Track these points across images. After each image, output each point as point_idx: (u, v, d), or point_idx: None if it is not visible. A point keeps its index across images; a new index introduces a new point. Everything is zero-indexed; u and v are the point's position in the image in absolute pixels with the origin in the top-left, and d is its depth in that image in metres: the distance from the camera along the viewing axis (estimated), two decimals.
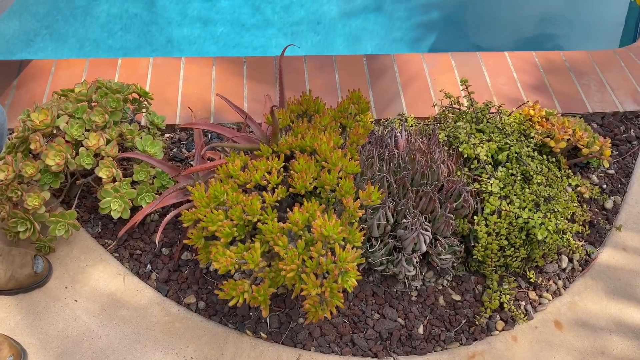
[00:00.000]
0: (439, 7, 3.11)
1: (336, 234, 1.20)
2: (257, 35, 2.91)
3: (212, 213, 1.32)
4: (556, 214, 1.51)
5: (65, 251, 1.62)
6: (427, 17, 3.05)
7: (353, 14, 3.01)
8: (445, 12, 3.10)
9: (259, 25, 2.95)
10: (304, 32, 2.94)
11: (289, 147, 1.45)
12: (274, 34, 2.92)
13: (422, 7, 3.08)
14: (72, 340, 1.47)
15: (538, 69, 2.23)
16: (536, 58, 2.27)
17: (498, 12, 3.14)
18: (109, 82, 1.68)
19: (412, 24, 3.01)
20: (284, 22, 2.97)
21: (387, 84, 2.13)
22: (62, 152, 1.50)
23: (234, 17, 2.97)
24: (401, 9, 3.07)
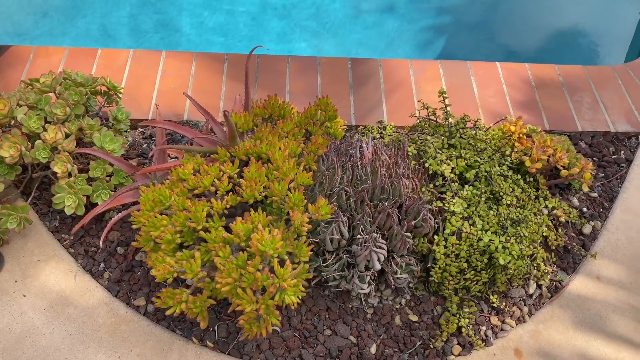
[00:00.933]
0: (451, 12, 3.04)
1: (273, 250, 1.14)
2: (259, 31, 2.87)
3: (155, 218, 1.28)
4: (522, 238, 1.44)
5: (19, 244, 1.59)
6: (439, 21, 2.99)
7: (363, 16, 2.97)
8: (457, 18, 3.03)
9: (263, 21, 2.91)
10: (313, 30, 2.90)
11: (246, 153, 1.40)
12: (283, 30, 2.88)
13: (433, 11, 3.02)
14: (16, 336, 1.45)
15: (529, 83, 2.14)
16: (529, 71, 2.19)
17: (504, 23, 3.06)
18: (75, 74, 1.64)
19: (420, 28, 2.95)
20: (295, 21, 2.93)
21: (371, 89, 2.07)
22: (17, 144, 1.47)
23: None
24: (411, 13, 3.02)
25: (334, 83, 2.07)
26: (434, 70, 2.15)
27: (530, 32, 3.00)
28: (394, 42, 2.91)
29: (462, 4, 3.08)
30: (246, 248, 1.22)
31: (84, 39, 2.75)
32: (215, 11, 2.95)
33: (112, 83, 1.72)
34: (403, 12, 3.00)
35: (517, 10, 3.11)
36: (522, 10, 3.11)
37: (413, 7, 3.03)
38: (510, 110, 2.04)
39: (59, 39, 2.74)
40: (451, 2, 3.07)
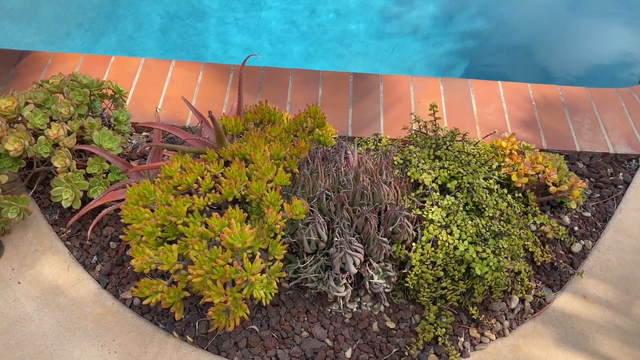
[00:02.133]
0: (473, 37, 3.09)
1: (241, 243, 1.19)
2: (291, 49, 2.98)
3: (138, 211, 1.34)
4: (501, 250, 1.44)
5: (20, 234, 1.68)
6: (462, 45, 3.04)
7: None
8: (477, 41, 3.08)
9: (293, 39, 3.02)
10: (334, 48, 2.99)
11: (232, 154, 1.46)
12: (305, 47, 2.98)
13: (456, 35, 3.08)
14: (7, 320, 1.52)
15: (530, 102, 2.15)
16: (530, 90, 2.20)
17: (527, 49, 3.08)
18: (82, 77, 1.74)
19: (443, 51, 3.01)
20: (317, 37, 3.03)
21: (370, 104, 2.11)
22: (22, 138, 1.56)
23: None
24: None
25: (334, 96, 2.13)
26: (435, 87, 2.19)
27: (552, 58, 3.01)
28: (415, 65, 2.96)
29: (485, 30, 3.12)
30: (221, 243, 1.27)
31: (113, 50, 2.90)
32: (242, 30, 3.07)
33: (118, 87, 1.81)
34: (426, 36, 3.06)
35: (541, 36, 3.13)
36: (545, 35, 3.13)
37: (436, 31, 3.09)
38: (508, 128, 2.05)
39: (89, 49, 2.89)
40: (474, 27, 3.11)
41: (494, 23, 3.16)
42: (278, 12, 3.13)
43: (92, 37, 2.99)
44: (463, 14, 3.17)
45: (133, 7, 3.11)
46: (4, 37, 2.89)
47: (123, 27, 3.03)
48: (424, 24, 3.11)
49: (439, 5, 3.20)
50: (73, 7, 3.10)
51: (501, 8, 3.24)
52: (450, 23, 3.13)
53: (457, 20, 3.14)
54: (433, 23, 3.13)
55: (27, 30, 2.98)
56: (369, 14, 3.15)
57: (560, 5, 3.27)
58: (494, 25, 3.15)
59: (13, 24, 2.98)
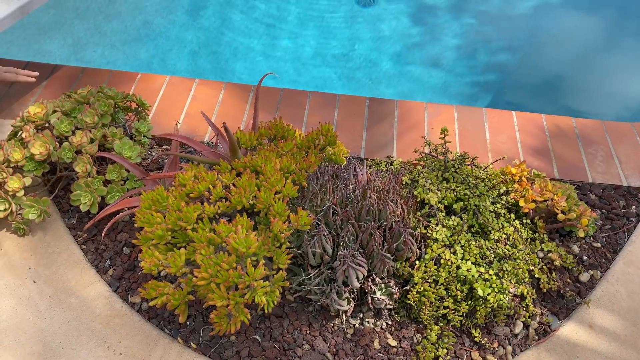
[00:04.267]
0: (497, 70, 3.13)
1: (245, 248, 1.22)
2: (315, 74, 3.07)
3: (151, 215, 1.39)
4: (505, 273, 1.45)
5: (39, 236, 1.74)
6: (484, 78, 3.09)
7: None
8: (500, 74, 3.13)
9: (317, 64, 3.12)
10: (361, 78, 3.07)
11: (244, 166, 1.51)
12: (330, 75, 3.07)
13: (480, 67, 3.13)
14: (20, 317, 1.57)
15: (543, 132, 2.17)
16: (544, 121, 2.22)
17: (549, 83, 3.11)
18: (108, 89, 1.83)
19: (466, 83, 3.06)
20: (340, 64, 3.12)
21: (385, 128, 2.16)
22: (47, 143, 1.64)
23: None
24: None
25: (350, 118, 2.18)
26: (449, 114, 2.22)
27: (575, 93, 3.03)
28: (435, 95, 3.02)
29: (509, 63, 3.16)
30: (227, 248, 1.31)
31: (144, 71, 3.03)
32: (268, 57, 3.17)
33: (141, 100, 1.90)
34: (446, 67, 3.12)
35: (565, 72, 3.16)
36: (565, 70, 3.15)
37: (460, 63, 3.15)
38: (520, 156, 2.07)
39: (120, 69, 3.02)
40: (498, 60, 3.16)
41: (517, 57, 3.21)
42: (303, 40, 3.23)
43: (124, 57, 3.13)
44: (486, 47, 3.23)
45: (165, 31, 3.24)
46: (39, 51, 3.04)
47: (154, 49, 3.16)
48: (445, 55, 3.17)
49: (461, 38, 3.27)
50: (107, 28, 3.25)
51: (523, 43, 3.29)
52: (473, 56, 3.18)
53: (479, 53, 3.20)
54: (455, 55, 3.18)
55: (62, 48, 3.13)
56: (392, 44, 3.22)
57: (582, 41, 3.30)
58: (516, 59, 3.20)
59: (49, 41, 3.13)
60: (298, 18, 3.35)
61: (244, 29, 3.27)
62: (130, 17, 3.33)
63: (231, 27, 3.27)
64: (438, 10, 3.42)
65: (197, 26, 3.27)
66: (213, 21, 3.30)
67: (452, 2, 3.46)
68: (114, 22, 3.29)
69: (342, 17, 3.37)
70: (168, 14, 3.34)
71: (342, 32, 3.29)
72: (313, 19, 3.34)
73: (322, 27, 3.30)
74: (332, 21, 3.34)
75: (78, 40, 3.17)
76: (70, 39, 3.16)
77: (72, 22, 3.25)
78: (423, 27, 3.32)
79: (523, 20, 3.39)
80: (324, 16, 3.36)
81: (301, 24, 3.31)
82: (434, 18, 3.37)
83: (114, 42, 3.21)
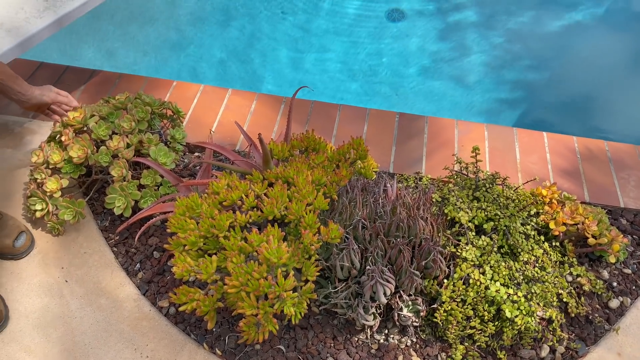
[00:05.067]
0: (526, 88, 3.12)
1: (277, 258, 1.24)
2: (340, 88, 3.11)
3: (185, 221, 1.42)
4: (533, 295, 1.44)
5: (72, 236, 1.79)
6: (513, 95, 3.08)
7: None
8: (527, 91, 3.11)
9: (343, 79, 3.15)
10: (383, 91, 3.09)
11: (276, 176, 1.53)
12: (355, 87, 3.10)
13: (508, 84, 3.12)
14: (52, 315, 1.61)
15: (575, 154, 2.15)
16: (576, 143, 2.20)
17: (581, 103, 3.09)
18: (145, 96, 1.87)
19: (494, 99, 3.06)
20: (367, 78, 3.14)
21: (414, 144, 2.16)
22: (85, 147, 1.69)
23: None
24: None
25: (379, 133, 2.19)
26: (479, 132, 2.22)
27: (606, 115, 3.00)
28: (462, 110, 3.01)
29: (538, 82, 3.15)
30: (258, 257, 1.33)
31: (174, 78, 3.09)
32: (296, 69, 3.21)
33: (177, 107, 1.94)
34: (476, 84, 3.12)
35: (592, 91, 3.13)
36: (597, 91, 3.12)
37: (487, 80, 3.15)
38: (550, 177, 2.05)
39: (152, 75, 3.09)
40: (526, 78, 3.15)
41: (545, 76, 3.19)
42: (331, 53, 3.27)
43: (156, 64, 3.20)
44: (514, 65, 3.22)
45: (196, 40, 3.31)
46: (78, 57, 3.12)
47: (185, 58, 3.23)
48: (473, 72, 3.17)
49: (489, 55, 3.26)
50: (140, 35, 3.33)
51: (552, 62, 3.27)
52: (501, 73, 3.17)
53: (507, 70, 3.19)
54: (483, 71, 3.18)
55: (97, 53, 3.22)
56: (419, 59, 3.23)
57: (614, 61, 3.27)
58: (545, 78, 3.18)
59: (86, 47, 3.22)
60: (327, 30, 3.38)
61: (273, 40, 3.32)
62: (164, 26, 3.40)
63: (260, 38, 3.32)
64: (467, 27, 3.42)
65: (227, 36, 3.33)
66: (243, 32, 3.36)
67: (481, 19, 3.46)
68: (147, 29, 3.36)
69: (370, 31, 3.39)
70: (200, 23, 3.41)
71: (370, 45, 3.31)
72: (342, 31, 3.38)
73: (351, 40, 3.33)
74: (360, 34, 3.37)
75: (112, 46, 3.26)
76: (104, 45, 3.25)
77: (107, 28, 3.33)
78: (451, 43, 3.32)
79: (553, 38, 3.38)
80: (352, 30, 3.39)
81: (330, 37, 3.35)
82: (462, 34, 3.37)
83: (147, 49, 3.29)
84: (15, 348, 1.54)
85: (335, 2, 3.51)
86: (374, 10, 3.49)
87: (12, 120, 2.13)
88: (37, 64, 2.41)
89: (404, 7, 3.50)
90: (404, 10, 3.49)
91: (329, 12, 3.48)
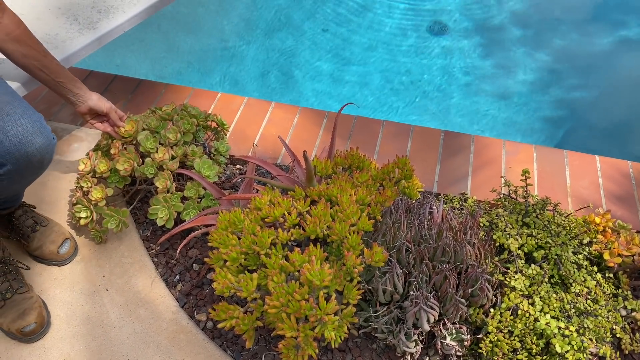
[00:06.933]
0: (570, 106, 3.03)
1: (319, 281, 1.21)
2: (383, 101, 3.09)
3: (227, 237, 1.41)
4: (585, 330, 1.37)
5: (114, 245, 1.80)
6: (556, 113, 2.99)
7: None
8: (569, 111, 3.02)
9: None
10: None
11: (319, 194, 1.51)
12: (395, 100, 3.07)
13: (552, 103, 3.04)
14: (92, 323, 1.62)
15: (629, 180, 2.05)
16: (630, 168, 2.10)
17: (621, 119, 2.97)
18: (192, 108, 1.88)
19: (536, 118, 2.98)
20: (409, 93, 3.11)
21: (459, 162, 2.11)
22: (131, 160, 1.70)
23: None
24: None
25: (423, 150, 2.15)
26: (527, 154, 2.15)
27: None
28: (507, 129, 2.94)
29: (583, 102, 3.04)
30: (299, 278, 1.30)
31: (216, 88, 3.13)
32: (335, 81, 3.20)
33: (221, 120, 1.94)
34: (520, 101, 3.05)
35: None
36: None
37: (532, 98, 3.06)
38: (603, 204, 1.96)
39: (195, 86, 3.14)
40: (571, 98, 3.05)
41: (593, 95, 3.08)
42: (371, 66, 3.24)
43: (199, 75, 3.24)
44: (560, 84, 3.12)
45: (240, 53, 3.34)
46: (125, 67, 3.19)
47: (228, 69, 3.26)
48: (519, 89, 3.09)
49: (534, 72, 3.18)
50: (185, 45, 3.38)
51: (602, 81, 3.15)
52: (546, 91, 3.08)
53: (552, 89, 3.09)
54: (529, 89, 3.10)
55: (142, 63, 3.28)
56: (461, 74, 3.17)
57: None
58: (592, 97, 3.07)
59: (132, 57, 3.29)
60: (367, 44, 3.36)
61: (314, 53, 3.32)
62: (207, 36, 3.45)
63: (302, 51, 3.33)
64: (511, 43, 3.34)
65: (270, 48, 3.35)
66: (285, 45, 3.37)
67: (526, 34, 3.38)
68: (191, 39, 3.42)
69: (411, 44, 3.36)
70: (244, 34, 3.44)
71: (410, 59, 3.27)
72: (382, 45, 3.35)
73: (391, 53, 3.30)
74: (401, 48, 3.33)
75: (156, 56, 3.32)
76: (149, 54, 3.31)
77: (152, 37, 3.40)
78: (495, 58, 3.25)
79: (601, 57, 3.26)
80: (393, 42, 3.36)
81: (370, 50, 3.33)
82: (506, 50, 3.30)
83: (190, 59, 3.33)
84: (56, 354, 1.56)
85: (375, 19, 3.49)
86: (416, 23, 3.46)
87: (61, 127, 2.18)
88: (87, 72, 2.47)
89: (446, 20, 3.45)
90: (447, 24, 3.44)
91: (369, 27, 3.46)
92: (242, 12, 3.60)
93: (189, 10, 3.57)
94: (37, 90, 2.34)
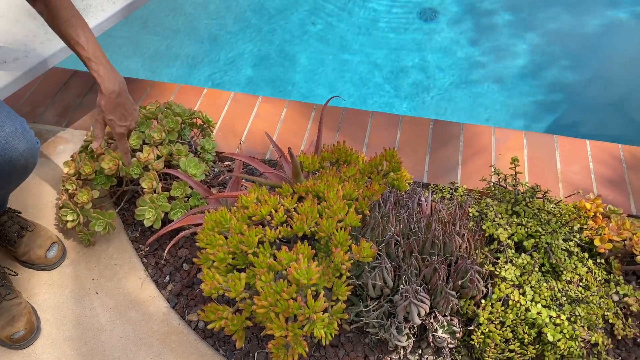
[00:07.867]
0: (563, 90, 3.01)
1: (307, 280, 1.20)
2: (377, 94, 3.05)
3: (213, 237, 1.39)
4: (577, 318, 1.36)
5: (103, 247, 1.79)
6: (549, 97, 2.97)
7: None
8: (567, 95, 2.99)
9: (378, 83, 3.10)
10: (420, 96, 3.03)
11: (306, 190, 1.49)
12: (387, 92, 3.04)
13: (544, 87, 3.01)
14: (82, 327, 1.61)
15: (620, 163, 2.04)
16: (621, 151, 2.09)
17: (614, 101, 2.95)
18: (176, 106, 1.86)
19: (529, 102, 2.96)
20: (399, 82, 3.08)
21: (449, 152, 2.09)
22: (116, 159, 1.68)
23: None
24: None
25: (412, 141, 2.13)
26: (517, 140, 2.13)
27: None
28: (497, 115, 2.92)
29: (575, 84, 3.02)
30: (287, 277, 1.29)
31: (205, 83, 3.10)
32: (325, 71, 3.17)
33: (207, 117, 1.92)
34: (510, 86, 3.02)
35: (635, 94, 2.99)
36: None
37: (522, 82, 3.04)
38: (594, 189, 1.95)
39: (184, 80, 3.10)
40: (563, 80, 3.03)
41: (586, 77, 3.06)
42: (361, 55, 3.21)
43: (188, 69, 3.20)
44: (552, 66, 3.10)
45: (228, 45, 3.30)
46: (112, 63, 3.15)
47: (217, 62, 3.22)
48: (509, 74, 3.07)
49: (525, 57, 3.15)
50: (174, 42, 3.34)
51: (594, 62, 3.13)
52: (538, 75, 3.06)
53: (544, 72, 3.07)
54: (519, 73, 3.07)
55: (130, 59, 3.24)
56: (453, 62, 3.15)
57: None
58: (585, 79, 3.05)
59: (120, 53, 3.25)
60: (356, 32, 3.32)
61: (303, 44, 3.28)
62: (195, 31, 3.41)
63: (291, 44, 3.29)
64: (502, 27, 3.31)
65: (260, 41, 3.32)
66: (275, 38, 3.33)
67: (517, 18, 3.34)
68: (180, 35, 3.38)
69: (401, 31, 3.32)
70: (232, 29, 3.40)
71: (400, 46, 3.24)
72: (371, 32, 3.31)
73: (380, 41, 3.26)
74: (390, 35, 3.30)
75: (145, 53, 3.28)
76: (138, 51, 3.27)
77: (139, 33, 3.36)
78: (485, 43, 3.22)
79: (593, 38, 3.24)
80: (382, 29, 3.32)
81: (359, 38, 3.29)
82: (497, 34, 3.27)
83: (179, 54, 3.30)
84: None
85: (364, 5, 3.45)
86: (407, 10, 3.42)
87: (46, 129, 2.15)
88: (71, 72, 2.43)
89: (437, 6, 3.42)
90: (437, 9, 3.41)
91: (358, 15, 3.42)
92: (229, 3, 3.55)
93: (175, 4, 3.53)
94: (21, 92, 2.32)
